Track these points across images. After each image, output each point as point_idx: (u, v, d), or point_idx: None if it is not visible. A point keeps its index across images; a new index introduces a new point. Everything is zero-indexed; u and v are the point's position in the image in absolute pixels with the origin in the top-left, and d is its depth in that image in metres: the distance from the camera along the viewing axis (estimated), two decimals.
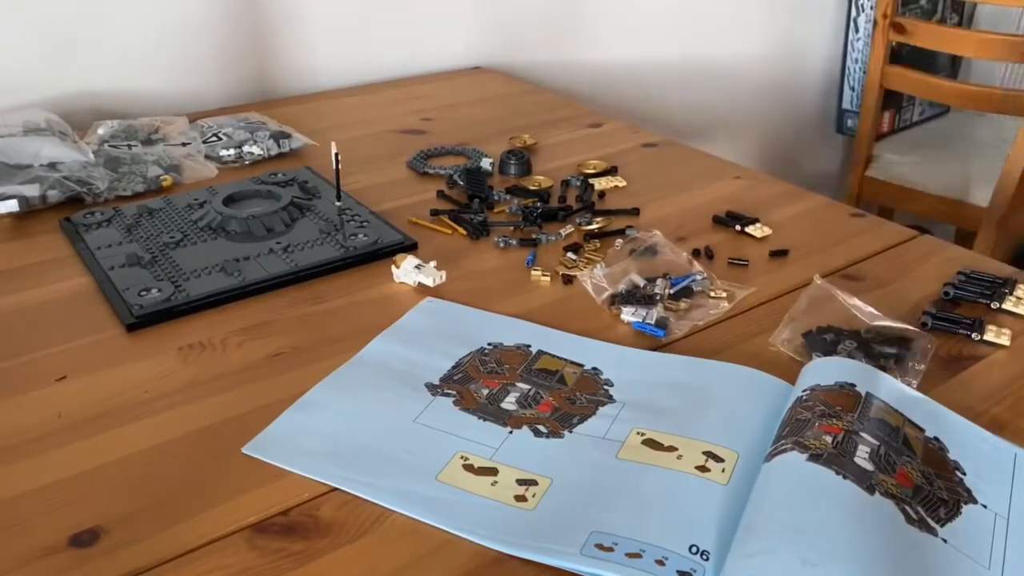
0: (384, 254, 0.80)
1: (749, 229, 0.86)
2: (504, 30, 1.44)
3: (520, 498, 0.54)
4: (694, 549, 0.49)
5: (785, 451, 0.53)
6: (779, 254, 0.83)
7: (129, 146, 0.99)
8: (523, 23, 1.46)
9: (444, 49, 1.39)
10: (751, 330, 0.72)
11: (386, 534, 0.52)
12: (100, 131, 1.01)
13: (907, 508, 0.51)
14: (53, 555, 0.50)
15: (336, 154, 0.80)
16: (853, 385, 0.59)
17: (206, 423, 0.60)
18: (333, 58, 1.28)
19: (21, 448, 0.57)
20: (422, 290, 0.76)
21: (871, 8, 1.80)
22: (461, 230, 0.85)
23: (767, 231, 0.86)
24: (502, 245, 0.83)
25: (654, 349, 0.69)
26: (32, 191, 0.87)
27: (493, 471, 0.56)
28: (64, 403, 0.62)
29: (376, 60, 1.32)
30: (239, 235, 0.82)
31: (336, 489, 0.54)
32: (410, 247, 0.82)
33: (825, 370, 0.61)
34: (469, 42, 1.41)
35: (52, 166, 0.91)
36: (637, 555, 0.49)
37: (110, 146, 0.98)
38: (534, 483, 0.55)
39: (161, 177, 0.94)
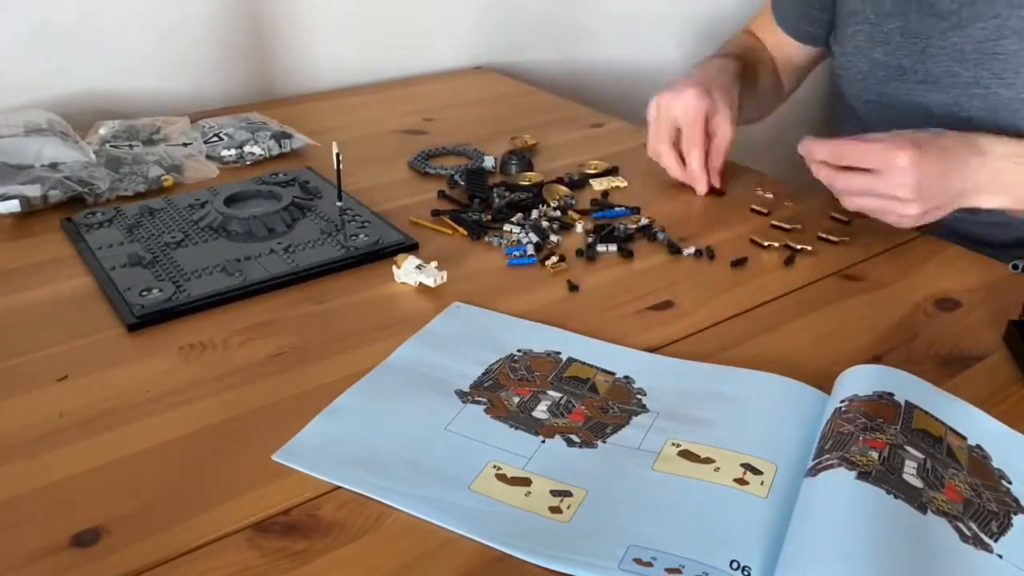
0: (385, 254, 0.80)
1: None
2: (505, 30, 1.44)
3: (555, 509, 0.53)
4: (735, 564, 0.48)
5: (831, 467, 0.52)
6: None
7: (130, 146, 0.99)
8: (524, 23, 1.46)
9: (445, 49, 1.39)
10: (752, 330, 0.72)
11: (387, 533, 0.52)
12: (101, 131, 1.01)
13: (960, 525, 0.50)
14: (55, 555, 0.50)
15: (337, 154, 0.80)
16: (891, 394, 0.58)
17: (207, 423, 0.60)
18: (334, 58, 1.28)
19: (22, 448, 0.57)
20: (423, 290, 0.76)
21: None
22: (462, 230, 0.85)
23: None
24: (496, 244, 0.83)
25: (650, 349, 0.69)
26: (33, 191, 0.87)
27: (526, 481, 0.55)
28: (65, 403, 0.62)
29: (377, 60, 1.32)
30: (240, 235, 0.82)
31: (337, 488, 0.54)
32: (411, 247, 0.82)
33: (862, 379, 0.60)
34: (470, 42, 1.41)
35: (53, 166, 0.91)
36: (677, 570, 0.48)
37: (111, 146, 0.98)
38: (568, 494, 0.54)
39: (162, 177, 0.94)
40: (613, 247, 0.83)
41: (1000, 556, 0.50)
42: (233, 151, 1.01)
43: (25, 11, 1.06)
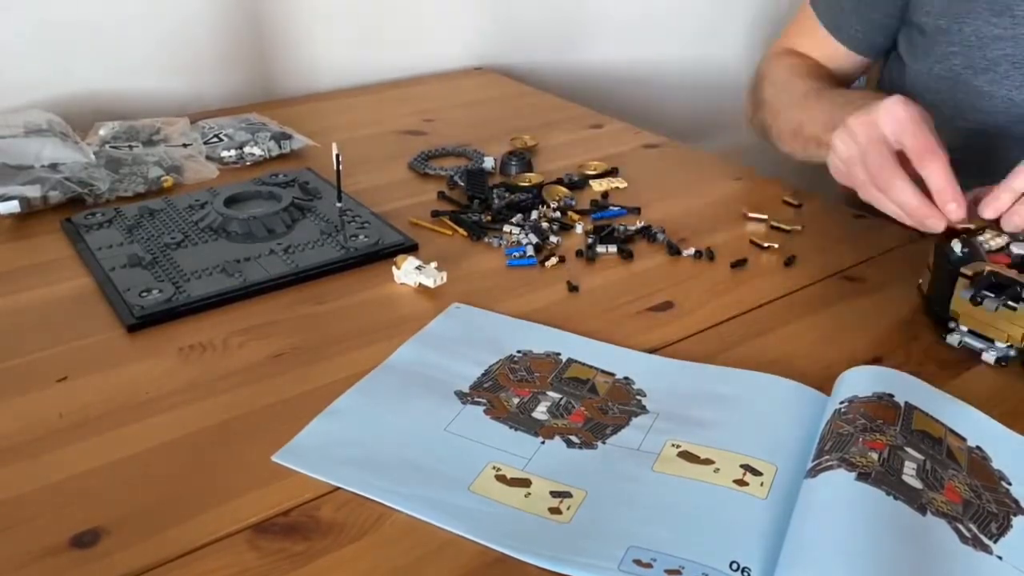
0: (385, 255, 0.80)
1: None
2: (505, 31, 1.44)
3: (554, 511, 0.53)
4: (735, 566, 0.48)
5: (831, 468, 0.52)
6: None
7: (130, 147, 0.99)
8: (524, 24, 1.46)
9: (445, 50, 1.39)
10: (751, 331, 0.72)
11: (387, 534, 0.52)
12: (101, 132, 1.01)
13: (960, 527, 0.51)
14: (54, 555, 0.50)
15: (337, 155, 0.80)
16: (891, 396, 0.58)
17: (207, 423, 0.60)
18: (334, 59, 1.28)
19: (22, 448, 0.57)
20: (423, 291, 0.76)
21: None
22: (462, 231, 0.85)
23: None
24: (495, 245, 0.83)
25: (650, 350, 0.69)
26: (33, 192, 0.87)
27: (526, 482, 0.55)
28: (65, 403, 0.61)
29: (377, 61, 1.32)
30: (240, 236, 0.82)
31: (337, 489, 0.54)
32: (411, 248, 0.82)
33: (862, 380, 0.60)
34: (470, 43, 1.41)
35: (53, 167, 0.91)
36: (677, 571, 0.48)
37: (111, 147, 0.98)
38: (568, 495, 0.54)
39: (162, 178, 0.94)
40: (613, 248, 0.83)
41: (1000, 557, 0.50)
42: (233, 152, 1.01)
43: (25, 11, 1.06)
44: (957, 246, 0.68)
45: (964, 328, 0.68)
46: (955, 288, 0.68)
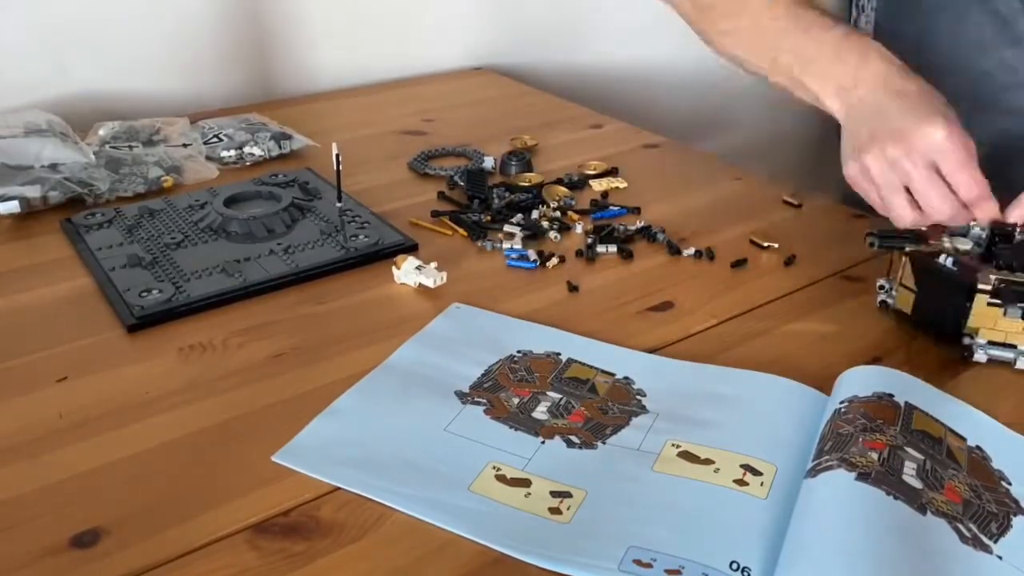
0: (385, 255, 0.80)
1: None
2: (505, 31, 1.44)
3: (554, 510, 0.53)
4: (735, 566, 0.48)
5: (831, 468, 0.52)
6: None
7: (130, 147, 0.99)
8: (524, 24, 1.46)
9: (445, 50, 1.39)
10: (751, 331, 0.72)
11: (387, 534, 0.52)
12: (101, 132, 1.01)
13: (960, 526, 0.51)
14: (54, 556, 0.50)
15: (337, 155, 0.80)
16: (891, 395, 0.59)
17: (207, 424, 0.60)
18: (334, 59, 1.28)
19: (22, 449, 0.57)
20: (423, 291, 0.76)
21: (872, 9, 1.79)
22: (462, 231, 0.85)
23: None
24: (490, 248, 0.83)
25: (650, 350, 0.69)
26: (33, 192, 0.87)
27: (526, 482, 0.55)
28: (65, 404, 0.62)
29: (377, 61, 1.32)
30: (240, 236, 0.82)
31: (337, 489, 0.54)
32: (411, 248, 0.82)
33: (861, 380, 0.60)
34: (470, 43, 1.41)
35: (53, 167, 0.91)
36: (677, 571, 0.48)
37: (111, 147, 0.98)
38: (568, 495, 0.54)
39: (162, 178, 0.94)
40: (613, 248, 0.83)
41: (1000, 557, 0.50)
42: (233, 152, 1.01)
43: (25, 11, 1.06)
44: (949, 261, 0.67)
45: (983, 341, 0.67)
46: (972, 304, 0.66)
